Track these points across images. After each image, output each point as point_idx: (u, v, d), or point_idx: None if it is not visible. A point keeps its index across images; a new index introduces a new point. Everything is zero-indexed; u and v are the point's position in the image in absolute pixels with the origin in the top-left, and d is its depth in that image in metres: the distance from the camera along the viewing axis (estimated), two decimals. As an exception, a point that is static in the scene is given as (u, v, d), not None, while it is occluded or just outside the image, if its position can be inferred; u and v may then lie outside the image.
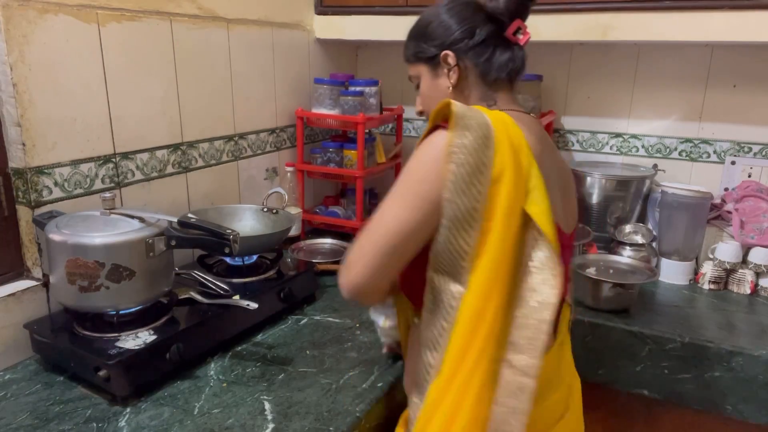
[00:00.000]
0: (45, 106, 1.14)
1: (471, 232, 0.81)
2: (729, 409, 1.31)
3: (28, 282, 1.18)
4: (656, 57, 1.79)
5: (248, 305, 1.15)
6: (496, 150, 0.81)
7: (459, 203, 0.80)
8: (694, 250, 1.64)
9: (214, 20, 1.52)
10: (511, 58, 0.95)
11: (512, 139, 0.83)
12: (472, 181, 0.80)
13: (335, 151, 1.86)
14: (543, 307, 0.82)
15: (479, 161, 0.80)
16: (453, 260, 0.82)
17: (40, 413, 0.99)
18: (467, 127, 0.81)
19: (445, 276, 0.84)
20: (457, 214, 0.81)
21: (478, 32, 0.94)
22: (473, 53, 0.95)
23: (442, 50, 0.96)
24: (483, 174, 0.80)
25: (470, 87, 0.97)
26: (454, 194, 0.81)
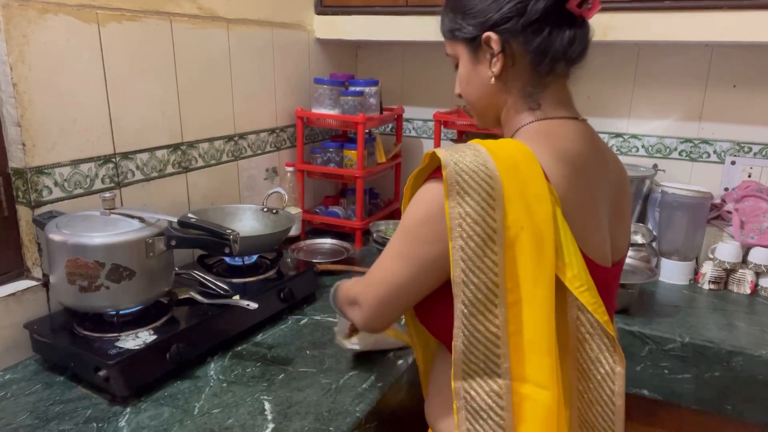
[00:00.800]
0: (45, 106, 1.14)
1: (496, 310, 0.69)
2: (729, 409, 1.31)
3: (28, 282, 1.18)
4: (656, 57, 1.79)
5: (248, 305, 1.15)
6: (507, 208, 0.68)
7: (476, 282, 0.69)
8: (694, 250, 1.64)
9: (214, 20, 1.52)
10: (573, 38, 0.77)
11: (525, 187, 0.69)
12: (484, 253, 0.68)
13: (335, 151, 1.86)
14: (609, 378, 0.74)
15: (488, 228, 0.68)
16: (485, 352, 0.70)
17: (40, 413, 0.99)
18: (465, 192, 0.68)
19: (479, 377, 0.71)
20: (477, 296, 0.69)
21: (532, 7, 0.75)
22: (524, 36, 0.76)
23: (483, 31, 0.78)
24: (494, 241, 0.68)
25: (516, 78, 0.80)
26: (467, 274, 0.69)
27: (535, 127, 0.79)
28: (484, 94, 0.83)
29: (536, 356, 0.70)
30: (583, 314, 0.73)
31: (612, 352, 0.74)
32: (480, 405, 0.71)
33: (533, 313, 0.70)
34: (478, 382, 0.71)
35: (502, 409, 0.70)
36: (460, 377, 0.71)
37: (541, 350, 0.70)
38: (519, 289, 0.69)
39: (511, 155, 0.71)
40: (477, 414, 0.71)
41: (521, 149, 0.72)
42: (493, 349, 0.70)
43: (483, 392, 0.71)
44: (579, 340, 0.74)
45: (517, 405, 0.70)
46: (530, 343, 0.70)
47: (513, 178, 0.69)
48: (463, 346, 0.70)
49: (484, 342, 0.70)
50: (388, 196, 2.18)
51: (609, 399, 0.75)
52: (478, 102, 0.86)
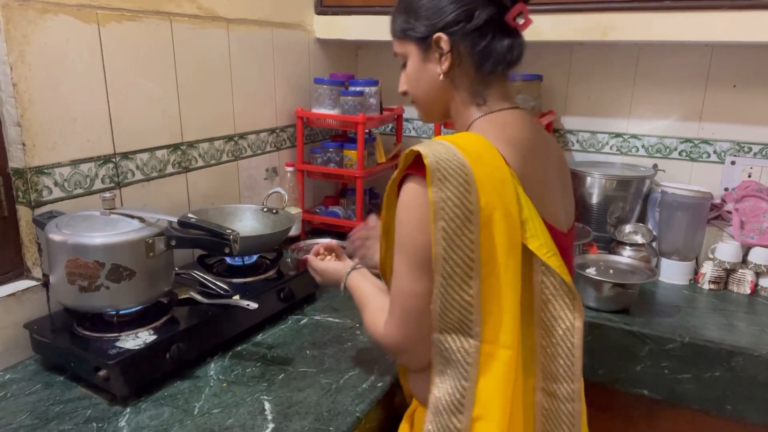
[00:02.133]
0: (45, 106, 1.14)
1: (471, 282, 0.77)
2: (729, 409, 1.31)
3: (28, 282, 1.18)
4: (656, 57, 1.79)
5: (248, 305, 1.15)
6: (480, 192, 0.76)
7: (455, 258, 0.77)
8: (694, 250, 1.64)
9: (214, 20, 1.52)
10: (511, 46, 0.86)
11: (492, 173, 0.78)
12: (463, 233, 0.76)
13: (335, 151, 1.86)
14: (569, 332, 0.82)
15: (465, 210, 0.76)
16: (459, 316, 0.79)
17: (40, 413, 0.99)
18: (445, 178, 0.76)
19: (453, 333, 0.80)
20: (454, 270, 0.77)
21: (477, 15, 0.84)
22: (470, 39, 0.85)
23: (434, 32, 0.86)
24: (471, 222, 0.76)
25: (462, 77, 0.89)
26: (448, 251, 0.77)
27: (486, 120, 0.88)
28: (432, 89, 0.91)
29: (504, 321, 0.79)
30: (547, 278, 0.82)
31: (572, 309, 0.82)
32: (451, 356, 0.81)
33: (504, 283, 0.78)
34: (453, 337, 0.80)
35: (469, 364, 0.79)
36: (437, 331, 0.81)
37: (508, 315, 0.79)
38: (493, 263, 0.78)
39: (474, 147, 0.80)
40: (448, 362, 0.81)
41: (481, 141, 0.81)
42: (466, 315, 0.78)
43: (455, 347, 0.80)
44: (543, 301, 0.83)
45: (483, 363, 0.79)
46: (500, 309, 0.79)
47: (480, 166, 0.77)
48: (439, 310, 0.79)
49: (458, 308, 0.78)
50: (388, 196, 2.18)
51: (569, 351, 0.83)
52: (426, 98, 0.93)
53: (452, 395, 0.80)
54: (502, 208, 0.77)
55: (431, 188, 0.76)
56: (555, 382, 0.85)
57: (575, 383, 0.84)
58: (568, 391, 0.85)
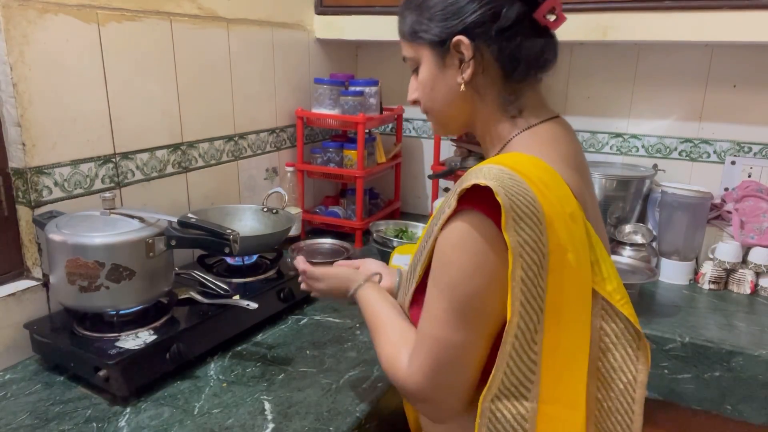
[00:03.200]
0: (45, 106, 1.13)
1: (536, 337, 0.67)
2: (729, 409, 1.31)
3: (28, 282, 1.18)
4: (656, 57, 1.79)
5: (248, 305, 1.15)
6: (549, 231, 0.65)
7: (530, 311, 0.66)
8: (694, 250, 1.64)
9: (214, 20, 1.52)
10: (544, 47, 0.75)
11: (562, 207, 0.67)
12: (537, 281, 0.66)
13: (335, 151, 1.86)
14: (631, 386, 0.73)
15: (540, 254, 0.65)
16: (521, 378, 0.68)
17: (40, 413, 0.99)
18: (520, 218, 0.64)
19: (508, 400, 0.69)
20: (528, 324, 0.66)
21: (504, 13, 0.72)
22: (496, 42, 0.73)
23: (454, 35, 0.74)
24: (543, 267, 0.66)
25: (488, 86, 0.77)
26: (525, 305, 0.66)
27: (530, 136, 0.77)
28: (452, 101, 0.79)
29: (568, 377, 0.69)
30: (608, 323, 0.72)
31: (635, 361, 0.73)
32: (503, 426, 0.69)
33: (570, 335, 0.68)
34: (505, 404, 0.69)
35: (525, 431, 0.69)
36: (490, 399, 0.69)
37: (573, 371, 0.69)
38: (559, 313, 0.68)
39: (537, 175, 0.68)
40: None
41: (542, 166, 0.70)
42: (529, 375, 0.68)
43: (509, 414, 0.69)
44: (602, 350, 0.73)
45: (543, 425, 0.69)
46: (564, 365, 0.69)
47: (547, 199, 0.66)
48: (503, 375, 0.68)
49: (524, 370, 0.68)
50: (388, 196, 2.18)
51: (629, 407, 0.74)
52: (444, 110, 0.82)
53: None
54: (573, 248, 0.67)
55: (508, 231, 0.64)
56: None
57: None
58: None
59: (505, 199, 0.64)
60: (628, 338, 0.73)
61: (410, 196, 2.23)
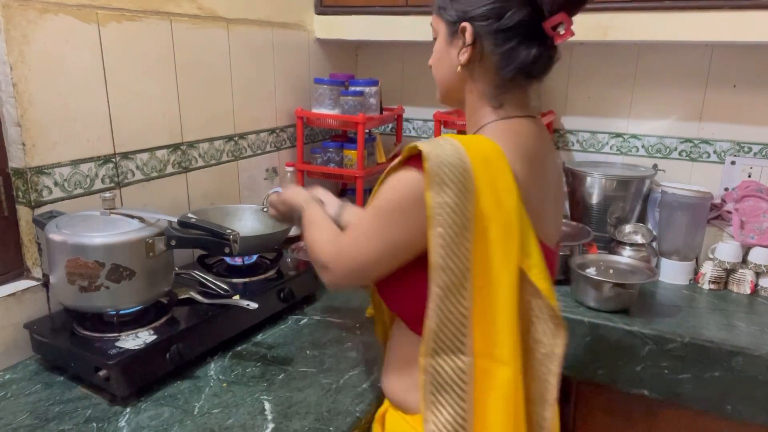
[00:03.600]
0: (45, 106, 1.14)
1: (465, 294, 0.75)
2: (729, 409, 1.31)
3: (28, 282, 1.18)
4: (656, 57, 1.79)
5: (248, 305, 1.15)
6: (477, 200, 0.73)
7: (453, 268, 0.74)
8: (694, 250, 1.64)
9: (214, 20, 1.52)
10: (539, 56, 0.81)
11: (495, 182, 0.75)
12: (460, 241, 0.74)
13: (335, 151, 1.86)
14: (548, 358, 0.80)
15: (464, 218, 0.73)
16: (454, 331, 0.76)
17: (40, 413, 0.99)
18: (445, 183, 0.73)
19: (446, 354, 0.77)
20: (452, 280, 0.74)
21: (509, 15, 0.79)
22: (495, 38, 0.80)
23: (463, 20, 0.82)
24: (468, 230, 0.74)
25: (481, 75, 0.85)
26: (446, 260, 0.74)
27: (501, 126, 0.84)
28: (449, 76, 0.88)
29: (499, 335, 0.76)
30: (534, 299, 0.80)
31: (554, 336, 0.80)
32: (445, 380, 0.77)
33: (499, 295, 0.76)
34: (444, 359, 0.77)
35: (465, 383, 0.76)
36: (429, 354, 0.77)
37: (504, 329, 0.76)
38: (487, 274, 0.75)
39: (483, 151, 0.76)
40: (441, 388, 0.77)
41: (491, 146, 0.78)
42: (460, 328, 0.76)
43: (449, 368, 0.76)
44: (531, 323, 0.81)
45: (479, 380, 0.76)
46: (494, 322, 0.76)
47: (484, 172, 0.74)
48: (435, 326, 0.76)
49: (454, 322, 0.76)
50: (388, 196, 2.18)
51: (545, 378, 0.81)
52: (443, 82, 0.91)
53: (452, 422, 0.76)
54: (501, 219, 0.75)
55: (429, 192, 0.73)
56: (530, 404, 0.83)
57: (547, 411, 0.82)
58: (539, 417, 0.83)
59: (433, 164, 0.73)
60: (550, 314, 0.80)
61: (410, 196, 2.22)
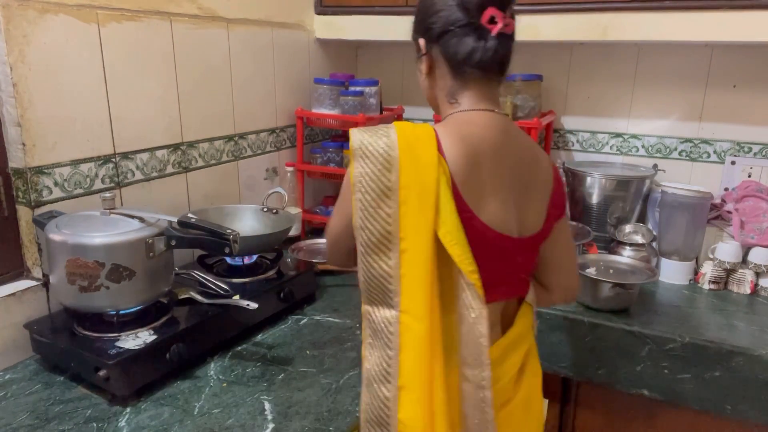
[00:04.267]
0: (45, 106, 1.14)
1: (389, 254, 0.84)
2: (729, 409, 1.31)
3: (28, 282, 1.18)
4: (656, 57, 1.79)
5: (248, 305, 1.15)
6: (401, 171, 0.83)
7: (371, 228, 0.84)
8: (694, 250, 1.64)
9: (214, 20, 1.52)
10: (476, 48, 0.88)
11: (419, 159, 0.84)
12: (379, 205, 0.83)
13: (335, 151, 1.86)
14: (477, 321, 0.86)
15: (382, 185, 0.83)
16: (380, 286, 0.85)
17: (40, 413, 0.99)
18: (365, 156, 0.84)
19: (378, 305, 0.87)
20: (371, 239, 0.84)
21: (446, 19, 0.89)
22: (440, 42, 0.91)
23: (418, 37, 0.94)
24: (389, 197, 0.83)
25: (440, 78, 0.94)
26: (364, 221, 0.84)
27: (453, 117, 0.94)
28: (423, 87, 1.00)
29: (416, 293, 0.84)
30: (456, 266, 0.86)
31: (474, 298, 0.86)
32: (377, 326, 0.87)
33: (418, 258, 0.84)
34: (377, 308, 0.87)
35: (392, 333, 0.85)
36: (366, 302, 0.89)
37: (421, 288, 0.84)
38: (409, 239, 0.83)
39: (414, 133, 0.86)
40: (375, 333, 0.88)
41: (425, 130, 0.88)
42: (386, 285, 0.85)
43: (379, 317, 0.87)
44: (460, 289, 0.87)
45: (403, 333, 0.85)
46: (414, 282, 0.84)
47: (409, 150, 0.84)
48: (363, 278, 0.87)
49: (379, 278, 0.85)
50: (388, 196, 2.18)
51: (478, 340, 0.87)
52: (424, 94, 1.02)
53: (380, 365, 0.86)
54: (418, 188, 0.83)
55: (352, 164, 0.85)
56: (467, 367, 0.89)
57: (485, 371, 0.87)
58: (478, 378, 0.88)
59: (355, 140, 0.85)
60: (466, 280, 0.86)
61: (410, 196, 2.22)
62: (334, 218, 0.98)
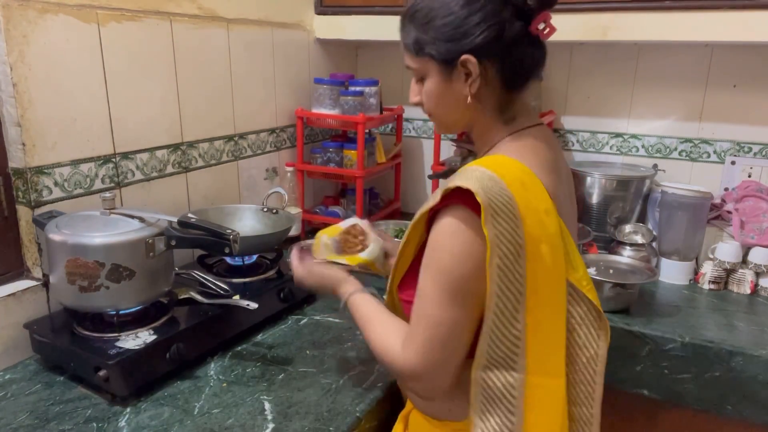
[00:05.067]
0: (45, 106, 1.14)
1: (518, 316, 0.77)
2: (729, 409, 1.31)
3: (28, 282, 1.18)
4: (656, 57, 1.79)
5: (248, 305, 1.15)
6: (525, 224, 0.75)
7: (508, 294, 0.76)
8: (694, 250, 1.64)
9: (214, 20, 1.52)
10: (540, 58, 0.83)
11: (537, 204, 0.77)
12: (515, 268, 0.76)
13: (335, 151, 1.86)
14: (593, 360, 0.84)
15: (516, 245, 0.75)
16: (506, 351, 0.78)
17: (40, 413, 0.99)
18: (497, 214, 0.74)
19: (497, 370, 0.79)
20: (506, 305, 0.76)
21: (507, 32, 0.79)
22: (500, 58, 0.80)
23: (461, 54, 0.80)
24: (520, 255, 0.75)
25: (489, 96, 0.84)
26: (502, 287, 0.76)
27: (515, 140, 0.85)
28: (457, 110, 0.86)
29: (550, 351, 0.80)
30: (573, 307, 0.83)
31: (597, 339, 0.84)
32: (495, 393, 0.79)
33: (549, 314, 0.79)
34: (496, 374, 0.79)
35: (515, 398, 0.79)
36: (481, 368, 0.79)
37: (554, 345, 0.80)
38: (538, 294, 0.78)
39: (517, 176, 0.78)
40: (491, 400, 0.80)
41: (522, 169, 0.79)
42: (513, 349, 0.78)
43: (499, 383, 0.79)
44: (568, 329, 0.84)
45: (530, 394, 0.79)
46: (545, 340, 0.79)
47: (523, 197, 0.76)
48: (487, 347, 0.78)
49: (507, 343, 0.78)
50: (388, 196, 2.18)
51: (591, 378, 0.85)
52: (449, 117, 0.89)
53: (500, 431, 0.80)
54: (547, 240, 0.77)
55: (486, 226, 0.74)
56: (574, 405, 0.87)
57: (594, 408, 0.87)
58: (587, 416, 0.87)
59: (484, 198, 0.73)
60: (590, 318, 0.84)
61: (410, 196, 2.23)
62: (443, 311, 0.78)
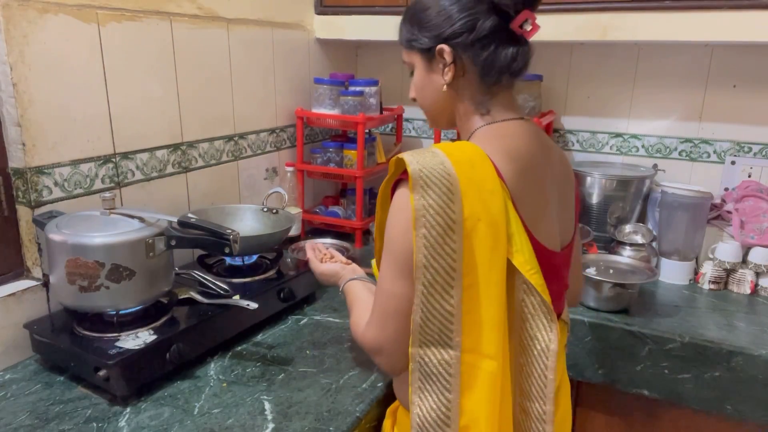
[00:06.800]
0: (45, 106, 1.14)
1: (452, 291, 0.77)
2: (729, 409, 1.31)
3: (28, 282, 1.18)
4: (656, 57, 1.79)
5: (248, 305, 1.15)
6: (464, 201, 0.76)
7: (436, 266, 0.76)
8: (694, 250, 1.64)
9: (214, 20, 1.52)
10: (516, 55, 0.84)
11: (481, 184, 0.77)
12: (444, 241, 0.76)
13: (335, 150, 1.86)
14: (544, 354, 0.83)
15: (447, 219, 0.75)
16: (440, 326, 0.78)
17: (40, 413, 0.99)
18: (427, 185, 0.76)
19: (432, 347, 0.79)
20: (435, 278, 0.76)
21: (480, 25, 0.82)
22: (473, 50, 0.84)
23: (437, 43, 0.85)
24: (454, 231, 0.76)
25: (466, 87, 0.88)
26: (429, 258, 0.76)
27: (488, 130, 0.87)
28: (437, 100, 0.91)
29: (487, 331, 0.79)
30: (528, 296, 0.82)
31: (549, 330, 0.82)
32: (431, 370, 0.80)
33: (487, 293, 0.78)
34: (432, 350, 0.79)
35: (451, 375, 0.79)
36: (417, 345, 0.80)
37: (492, 326, 0.79)
38: (475, 273, 0.77)
39: (467, 156, 0.80)
40: (428, 377, 0.80)
41: (475, 150, 0.81)
42: (447, 324, 0.78)
43: (435, 360, 0.79)
44: (522, 320, 0.83)
45: (465, 373, 0.79)
46: (482, 320, 0.78)
47: (468, 176, 0.77)
48: (420, 320, 0.78)
49: (440, 318, 0.78)
50: (388, 196, 2.18)
51: (542, 372, 0.83)
52: (432, 106, 0.94)
53: (437, 410, 0.79)
54: (488, 219, 0.77)
55: (413, 195, 0.76)
56: (528, 400, 0.86)
57: (547, 405, 0.84)
58: (540, 412, 0.85)
59: (415, 168, 0.76)
60: (543, 310, 0.82)
61: (410, 196, 2.22)
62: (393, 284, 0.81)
